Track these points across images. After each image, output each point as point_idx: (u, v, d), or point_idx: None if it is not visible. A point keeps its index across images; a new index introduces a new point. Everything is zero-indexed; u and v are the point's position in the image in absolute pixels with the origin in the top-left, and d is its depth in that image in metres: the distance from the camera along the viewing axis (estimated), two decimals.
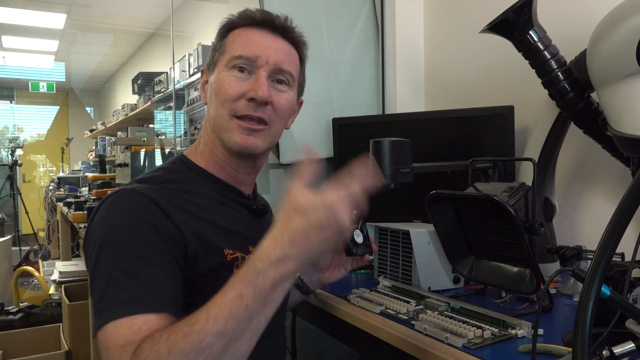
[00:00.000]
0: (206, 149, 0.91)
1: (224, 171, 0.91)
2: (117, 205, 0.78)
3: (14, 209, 6.68)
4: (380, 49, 1.96)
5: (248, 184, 0.95)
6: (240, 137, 0.85)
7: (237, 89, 0.85)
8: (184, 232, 0.77)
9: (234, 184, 0.92)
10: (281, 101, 0.88)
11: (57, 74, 8.19)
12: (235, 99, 0.85)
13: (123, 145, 5.50)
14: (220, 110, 0.86)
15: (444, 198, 1.11)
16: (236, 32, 0.90)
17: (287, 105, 0.90)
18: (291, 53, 0.92)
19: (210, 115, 0.89)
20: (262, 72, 0.85)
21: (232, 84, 0.85)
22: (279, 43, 0.90)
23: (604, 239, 0.46)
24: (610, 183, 1.34)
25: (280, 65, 0.88)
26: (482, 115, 1.47)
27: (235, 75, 0.86)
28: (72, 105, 9.31)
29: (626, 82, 0.97)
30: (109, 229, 0.75)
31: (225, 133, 0.86)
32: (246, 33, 0.89)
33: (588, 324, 0.45)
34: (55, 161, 8.74)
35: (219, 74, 0.88)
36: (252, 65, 0.86)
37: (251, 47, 0.86)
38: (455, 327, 0.90)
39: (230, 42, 0.89)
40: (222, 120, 0.86)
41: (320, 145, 1.85)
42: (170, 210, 0.78)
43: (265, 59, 0.86)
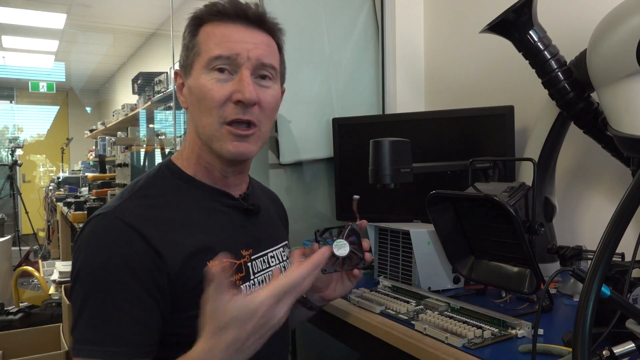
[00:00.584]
0: (192, 155, 0.87)
1: (212, 176, 0.88)
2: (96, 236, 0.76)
3: (14, 209, 6.68)
4: (380, 49, 1.96)
5: (238, 184, 0.92)
6: (232, 145, 0.82)
7: (222, 92, 0.80)
8: (165, 254, 0.75)
9: (222, 188, 0.89)
10: (267, 98, 0.84)
11: (57, 74, 8.18)
12: (221, 104, 0.80)
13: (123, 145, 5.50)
14: (208, 119, 0.81)
15: (444, 198, 1.11)
16: (208, 29, 0.83)
17: (273, 102, 0.86)
18: (270, 44, 0.86)
19: (196, 122, 0.84)
20: (244, 71, 0.80)
21: (215, 88, 0.80)
22: (257, 36, 0.84)
23: (604, 239, 0.46)
24: (610, 183, 1.34)
25: (262, 60, 0.82)
26: (482, 115, 1.47)
27: (216, 77, 0.81)
28: (72, 105, 9.31)
29: (626, 82, 0.97)
30: (84, 264, 0.74)
31: (217, 142, 0.82)
32: (220, 29, 0.82)
33: (588, 324, 0.45)
34: (55, 161, 8.74)
35: (198, 78, 0.82)
36: (233, 64, 0.81)
37: (228, 44, 0.81)
38: (455, 327, 0.90)
39: (203, 41, 0.83)
40: (211, 129, 0.82)
41: (320, 145, 1.86)
42: (150, 233, 0.76)
43: (246, 56, 0.81)
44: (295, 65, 1.81)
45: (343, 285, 1.00)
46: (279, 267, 0.95)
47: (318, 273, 0.94)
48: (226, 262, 0.82)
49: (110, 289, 0.72)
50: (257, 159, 1.90)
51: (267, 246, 0.94)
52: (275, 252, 0.96)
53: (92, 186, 4.46)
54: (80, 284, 0.74)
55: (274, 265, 0.94)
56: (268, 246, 0.95)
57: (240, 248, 0.88)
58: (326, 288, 1.00)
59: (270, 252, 0.95)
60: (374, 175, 1.21)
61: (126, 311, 0.72)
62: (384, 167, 1.19)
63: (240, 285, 0.84)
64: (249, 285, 0.86)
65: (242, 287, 0.84)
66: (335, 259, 0.89)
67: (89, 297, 0.73)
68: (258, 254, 0.91)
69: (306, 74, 1.83)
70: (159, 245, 0.76)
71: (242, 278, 0.85)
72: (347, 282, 1.00)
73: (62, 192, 5.28)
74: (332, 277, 0.99)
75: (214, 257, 0.81)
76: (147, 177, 0.87)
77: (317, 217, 1.95)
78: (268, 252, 0.94)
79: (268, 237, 0.96)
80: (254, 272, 0.88)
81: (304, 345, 1.83)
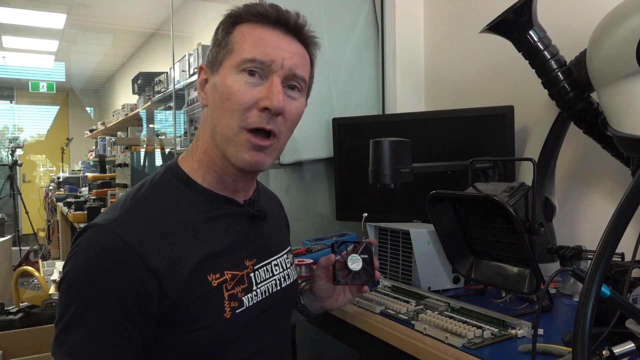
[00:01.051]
0: (204, 157, 0.83)
1: (220, 182, 0.84)
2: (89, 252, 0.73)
3: (14, 209, 6.68)
4: (380, 49, 1.96)
5: (246, 189, 0.89)
6: (249, 155, 0.78)
7: (249, 96, 0.77)
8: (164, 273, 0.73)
9: (228, 194, 0.86)
10: (292, 110, 0.81)
11: (57, 74, 8.18)
12: (247, 109, 0.77)
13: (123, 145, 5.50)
14: (229, 120, 0.78)
15: (444, 198, 1.11)
16: (245, 29, 0.80)
17: (297, 115, 0.83)
18: (305, 56, 0.84)
19: (215, 122, 0.80)
20: (276, 79, 0.77)
21: (243, 90, 0.77)
22: (293, 45, 0.81)
23: (604, 239, 0.46)
24: (610, 183, 1.34)
25: (294, 70, 0.80)
26: (482, 115, 1.47)
27: (245, 79, 0.77)
28: (72, 105, 9.31)
29: (626, 82, 0.97)
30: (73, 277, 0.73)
31: (233, 148, 0.78)
32: (258, 32, 0.79)
33: (588, 324, 0.45)
34: (55, 161, 8.74)
35: (226, 77, 0.78)
36: (265, 70, 0.78)
37: (264, 49, 0.77)
38: (455, 327, 0.90)
39: (238, 41, 0.79)
40: (230, 132, 0.78)
41: (320, 145, 1.86)
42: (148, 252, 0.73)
43: (280, 64, 0.78)
44: None
45: (344, 297, 1.02)
46: (284, 274, 0.93)
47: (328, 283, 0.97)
48: (228, 274, 0.81)
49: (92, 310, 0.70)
50: None
51: (271, 254, 0.92)
52: (279, 260, 0.94)
53: (92, 186, 4.46)
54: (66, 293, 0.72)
55: (278, 273, 0.92)
56: (272, 254, 0.93)
57: (243, 258, 0.85)
58: (329, 298, 1.02)
59: (274, 260, 0.93)
60: (374, 175, 1.21)
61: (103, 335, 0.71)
62: (384, 167, 1.19)
63: (242, 297, 0.82)
64: (251, 296, 0.84)
65: (243, 299, 0.82)
66: (347, 272, 0.93)
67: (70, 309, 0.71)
68: (261, 262, 0.89)
69: None
70: (158, 264, 0.73)
71: (244, 290, 0.83)
72: (349, 294, 1.02)
73: (62, 192, 5.28)
74: (338, 288, 1.01)
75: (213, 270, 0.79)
76: (150, 183, 0.83)
77: (317, 217, 1.95)
78: (272, 260, 0.92)
79: (272, 244, 0.94)
80: (257, 283, 0.86)
81: (304, 345, 1.83)
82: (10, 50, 6.98)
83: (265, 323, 0.87)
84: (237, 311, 0.80)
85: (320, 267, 0.97)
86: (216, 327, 0.78)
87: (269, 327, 0.88)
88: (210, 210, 0.83)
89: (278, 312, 0.91)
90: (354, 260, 0.94)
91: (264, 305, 0.86)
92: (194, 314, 0.76)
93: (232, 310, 0.80)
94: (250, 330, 0.83)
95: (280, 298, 0.91)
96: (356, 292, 1.02)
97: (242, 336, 0.82)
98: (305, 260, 1.38)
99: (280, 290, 0.91)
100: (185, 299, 0.75)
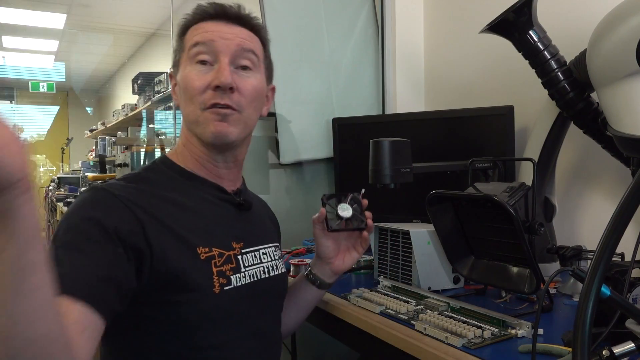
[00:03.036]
0: (184, 149, 0.91)
1: (204, 168, 0.91)
2: (80, 201, 0.79)
3: None
4: (380, 49, 1.96)
5: (231, 178, 0.94)
6: (213, 126, 0.85)
7: (202, 81, 0.85)
8: (147, 229, 0.77)
9: (214, 180, 0.92)
10: (247, 86, 0.87)
11: (57, 74, 8.19)
12: (202, 91, 0.85)
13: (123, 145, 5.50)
14: (190, 106, 0.87)
15: (444, 198, 1.11)
16: (192, 28, 0.90)
17: (254, 90, 0.89)
18: (250, 36, 0.91)
19: (183, 113, 0.90)
20: (223, 58, 0.85)
21: (195, 77, 0.85)
22: (236, 29, 0.89)
23: (604, 239, 0.46)
24: (610, 183, 1.34)
25: (242, 45, 0.87)
26: (482, 115, 1.47)
27: (198, 69, 0.86)
28: (72, 105, 9.32)
29: (626, 82, 0.97)
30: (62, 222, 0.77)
31: (200, 127, 0.86)
32: (201, 25, 0.89)
33: (588, 324, 0.45)
34: (55, 161, 8.74)
35: (183, 71, 0.88)
36: (212, 53, 0.86)
37: (206, 34, 0.87)
38: (455, 327, 0.90)
39: (188, 38, 0.89)
40: (194, 115, 0.86)
41: (320, 145, 1.86)
42: (133, 206, 0.78)
43: (224, 43, 0.86)
44: (295, 65, 1.82)
45: (351, 256, 1.06)
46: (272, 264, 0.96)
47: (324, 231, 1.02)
48: (216, 251, 0.84)
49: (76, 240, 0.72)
50: (257, 159, 1.91)
51: (258, 242, 0.95)
52: (267, 250, 0.97)
53: None
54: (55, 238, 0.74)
55: (266, 262, 0.94)
56: (259, 243, 0.95)
57: (231, 240, 0.88)
58: (335, 258, 1.05)
59: (262, 248, 0.95)
60: (374, 175, 1.21)
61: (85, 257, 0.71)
62: (384, 167, 1.19)
63: (230, 276, 0.84)
64: (239, 277, 0.86)
65: (232, 278, 0.84)
66: (339, 219, 1.01)
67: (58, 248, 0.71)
68: (249, 248, 0.91)
69: (306, 74, 1.83)
70: (143, 219, 0.77)
71: (232, 269, 0.85)
72: (354, 252, 1.06)
73: (62, 192, 5.28)
74: (340, 246, 1.05)
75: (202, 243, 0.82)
76: (140, 169, 0.91)
77: None
78: (260, 248, 0.94)
79: (259, 234, 0.97)
80: (245, 266, 0.88)
81: (304, 345, 1.83)
82: (10, 50, 6.98)
83: (253, 308, 0.88)
84: (225, 288, 0.83)
85: (315, 223, 1.03)
86: (205, 302, 0.80)
87: (257, 314, 0.89)
88: (198, 192, 0.89)
89: (267, 300, 0.93)
90: (343, 208, 1.01)
91: (253, 290, 0.88)
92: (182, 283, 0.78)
93: (220, 286, 0.82)
94: (239, 312, 0.85)
95: (269, 287, 0.93)
96: (360, 247, 1.06)
97: (230, 317, 0.84)
98: (305, 260, 1.38)
99: (268, 278, 0.93)
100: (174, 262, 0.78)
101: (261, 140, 1.87)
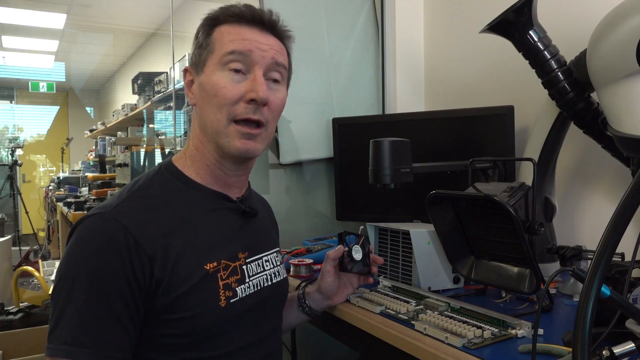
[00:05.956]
0: (197, 153, 0.88)
1: (212, 175, 0.88)
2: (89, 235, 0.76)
3: (14, 209, 6.68)
4: (380, 49, 1.96)
5: (238, 186, 0.93)
6: (240, 142, 0.83)
7: (235, 91, 0.82)
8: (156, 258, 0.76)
9: (221, 189, 0.89)
10: (276, 101, 0.87)
11: (57, 74, 8.18)
12: (234, 102, 0.82)
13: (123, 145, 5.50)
14: (217, 115, 0.83)
15: (444, 198, 1.11)
16: (223, 29, 0.85)
17: (281, 105, 0.89)
18: (282, 48, 0.90)
19: (204, 119, 0.85)
20: (258, 71, 0.83)
21: (228, 86, 0.82)
22: (270, 39, 0.87)
23: (604, 239, 0.46)
24: (610, 183, 1.34)
25: (276, 59, 0.86)
26: (482, 115, 1.47)
27: (230, 77, 0.82)
28: (72, 105, 9.31)
29: (626, 82, 0.97)
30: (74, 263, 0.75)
31: (224, 138, 0.83)
32: (236, 30, 0.85)
33: (588, 324, 0.45)
34: (55, 161, 8.74)
35: (212, 75, 0.83)
36: (247, 63, 0.83)
37: (243, 42, 0.83)
38: (455, 327, 0.90)
39: (218, 40, 0.84)
40: (219, 125, 0.83)
41: (320, 145, 1.86)
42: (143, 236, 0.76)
43: (261, 55, 0.83)
44: (295, 65, 1.80)
45: (347, 291, 1.11)
46: (274, 270, 0.96)
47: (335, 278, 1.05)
48: (222, 264, 0.84)
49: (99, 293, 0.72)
50: (257, 158, 1.91)
51: (261, 250, 0.95)
52: (270, 257, 0.97)
53: (92, 186, 4.46)
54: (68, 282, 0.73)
55: (269, 269, 0.95)
56: (263, 250, 0.96)
57: (237, 250, 0.88)
58: (335, 295, 1.09)
59: (265, 255, 0.96)
60: (374, 175, 1.21)
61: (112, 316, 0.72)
62: (384, 167, 1.19)
63: (236, 288, 0.85)
64: (244, 288, 0.87)
65: (237, 290, 0.85)
66: (350, 260, 1.04)
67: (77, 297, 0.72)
68: (253, 257, 0.92)
69: (306, 74, 1.83)
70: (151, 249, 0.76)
71: (237, 280, 0.86)
72: (350, 288, 1.11)
73: (62, 192, 5.28)
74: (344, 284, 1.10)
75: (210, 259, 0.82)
76: (146, 178, 0.87)
77: (317, 217, 1.95)
78: (263, 256, 0.95)
79: (262, 241, 0.97)
80: (249, 275, 0.89)
81: (304, 345, 1.83)
82: (10, 50, 6.98)
83: (257, 317, 0.89)
84: (231, 301, 0.83)
85: (330, 259, 1.05)
86: (211, 316, 0.80)
87: (260, 322, 0.90)
88: (204, 204, 0.87)
89: (269, 307, 0.94)
90: (356, 250, 1.05)
91: (257, 298, 0.89)
92: (189, 301, 0.78)
93: (227, 300, 0.82)
94: (244, 322, 0.86)
95: (272, 293, 0.94)
96: (357, 284, 1.11)
97: (236, 327, 0.84)
98: (305, 260, 1.38)
99: (271, 285, 0.94)
100: (181, 286, 0.78)
101: None
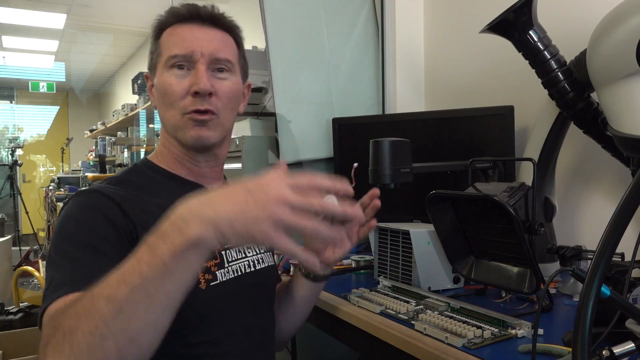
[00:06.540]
0: (164, 149, 0.94)
1: (184, 168, 0.93)
2: (76, 203, 0.82)
3: (14, 209, 6.68)
4: (380, 49, 1.96)
5: (213, 177, 0.97)
6: (193, 131, 0.88)
7: (181, 87, 0.87)
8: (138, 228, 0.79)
9: (196, 180, 0.94)
10: (224, 89, 0.90)
11: (57, 74, 8.19)
12: (181, 97, 0.87)
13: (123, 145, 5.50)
14: (171, 111, 0.89)
15: (444, 198, 1.11)
16: (167, 32, 0.92)
17: (231, 92, 0.92)
18: (225, 39, 0.93)
19: (162, 117, 0.92)
20: (200, 66, 0.87)
21: (174, 83, 0.88)
22: (210, 33, 0.91)
23: (604, 239, 0.46)
24: (610, 183, 1.34)
25: (216, 55, 0.89)
26: (482, 115, 1.47)
27: (175, 74, 0.88)
28: (72, 105, 9.31)
29: (626, 82, 0.97)
30: (64, 222, 0.79)
31: (180, 131, 0.89)
32: (176, 31, 0.90)
33: (588, 324, 0.45)
34: (55, 161, 8.74)
35: (161, 76, 0.90)
36: (190, 61, 0.88)
37: (183, 43, 0.88)
38: (455, 327, 0.90)
39: (164, 43, 0.91)
40: (174, 120, 0.89)
41: (320, 145, 1.85)
42: (125, 206, 0.81)
43: (200, 52, 0.88)
44: (296, 65, 1.82)
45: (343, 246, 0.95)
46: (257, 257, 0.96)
47: None
48: None
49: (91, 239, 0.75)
50: (257, 158, 1.91)
51: None
52: None
53: None
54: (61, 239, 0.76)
55: (251, 255, 0.94)
56: None
57: None
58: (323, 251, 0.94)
59: None
60: (373, 175, 1.21)
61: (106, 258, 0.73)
62: (384, 167, 1.19)
63: (215, 272, 0.86)
64: (224, 272, 0.87)
65: (217, 273, 0.86)
66: None
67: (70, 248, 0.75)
68: None
69: (306, 74, 1.83)
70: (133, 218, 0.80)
71: (217, 264, 0.87)
72: (347, 243, 0.94)
73: (62, 192, 5.28)
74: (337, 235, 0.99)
75: None
76: (122, 172, 0.93)
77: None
78: None
79: None
80: (228, 260, 0.90)
81: (304, 345, 1.83)
82: (10, 50, 6.98)
83: (243, 303, 0.89)
84: (211, 284, 0.84)
85: None
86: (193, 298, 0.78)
87: (248, 309, 0.90)
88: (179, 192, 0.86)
89: (255, 294, 0.93)
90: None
91: (239, 284, 0.89)
92: None
93: (207, 282, 0.84)
94: (228, 307, 0.86)
95: (255, 281, 0.93)
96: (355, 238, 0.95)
97: (220, 313, 0.85)
98: None
99: (254, 272, 0.93)
100: None
101: (261, 140, 1.87)
